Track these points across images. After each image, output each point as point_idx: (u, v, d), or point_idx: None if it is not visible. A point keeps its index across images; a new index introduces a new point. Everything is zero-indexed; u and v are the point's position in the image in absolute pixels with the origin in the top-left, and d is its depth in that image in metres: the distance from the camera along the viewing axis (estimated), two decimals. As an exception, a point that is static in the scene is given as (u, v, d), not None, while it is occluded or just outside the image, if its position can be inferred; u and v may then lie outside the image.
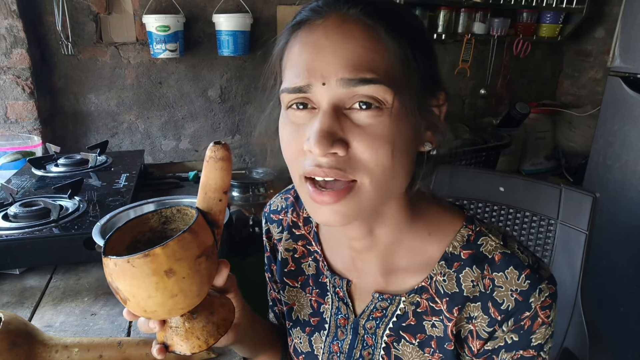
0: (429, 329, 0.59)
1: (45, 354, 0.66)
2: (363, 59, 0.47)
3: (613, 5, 2.68)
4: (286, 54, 0.53)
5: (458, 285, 0.57)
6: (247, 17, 2.10)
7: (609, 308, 1.90)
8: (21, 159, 1.53)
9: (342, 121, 0.48)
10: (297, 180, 0.53)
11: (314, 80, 0.48)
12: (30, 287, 0.97)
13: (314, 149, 0.47)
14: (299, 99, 0.50)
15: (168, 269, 0.45)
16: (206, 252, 0.48)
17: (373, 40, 0.48)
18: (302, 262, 0.70)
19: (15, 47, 1.85)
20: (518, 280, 0.54)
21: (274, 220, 0.75)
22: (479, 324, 0.56)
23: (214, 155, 0.49)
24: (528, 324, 0.54)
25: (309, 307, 0.69)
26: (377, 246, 0.60)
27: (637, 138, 1.79)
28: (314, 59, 0.48)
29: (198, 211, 0.51)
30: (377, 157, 0.48)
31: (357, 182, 0.49)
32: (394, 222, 0.58)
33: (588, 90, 2.91)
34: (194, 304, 0.49)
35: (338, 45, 0.48)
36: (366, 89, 0.47)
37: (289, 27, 0.53)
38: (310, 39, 0.50)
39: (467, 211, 0.61)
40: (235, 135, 2.41)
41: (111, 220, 0.96)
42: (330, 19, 0.49)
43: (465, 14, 2.54)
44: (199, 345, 0.52)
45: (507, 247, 0.57)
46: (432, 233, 0.59)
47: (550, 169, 2.95)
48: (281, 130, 0.54)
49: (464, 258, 0.57)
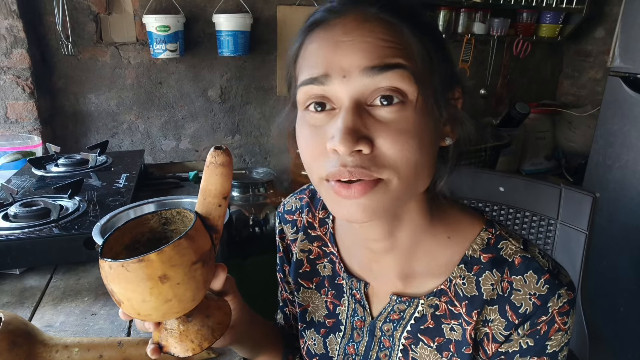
0: (448, 332, 0.58)
1: (45, 354, 0.66)
2: (386, 50, 0.46)
3: (613, 5, 2.68)
4: (301, 54, 0.51)
5: (478, 288, 0.56)
6: (247, 17, 2.10)
7: (609, 308, 1.90)
8: (21, 159, 1.53)
9: (365, 118, 0.47)
10: (317, 181, 0.51)
11: (332, 72, 0.46)
12: (30, 287, 0.97)
13: (339, 147, 0.45)
14: (317, 97, 0.48)
15: (162, 275, 0.45)
16: (203, 258, 0.48)
17: (395, 35, 0.47)
18: (318, 263, 0.69)
19: (15, 47, 1.85)
20: (537, 284, 0.53)
21: (288, 220, 0.74)
22: (495, 327, 0.56)
23: (214, 161, 0.48)
24: (544, 329, 0.53)
25: (324, 309, 0.69)
26: (395, 249, 0.59)
27: (637, 138, 1.79)
28: (333, 52, 0.47)
29: (197, 215, 0.50)
30: (404, 153, 0.47)
31: (384, 179, 0.47)
32: (413, 225, 0.57)
33: (588, 90, 2.91)
34: (189, 308, 0.49)
35: (358, 39, 0.46)
36: (389, 77, 0.45)
37: (304, 29, 0.52)
38: (328, 36, 0.48)
39: (486, 215, 0.60)
40: (235, 135, 2.41)
41: (111, 220, 0.96)
42: (349, 17, 0.48)
43: (465, 14, 2.54)
44: (193, 348, 0.51)
45: (527, 251, 0.56)
46: (451, 236, 0.58)
47: (550, 169, 2.95)
48: (299, 134, 0.52)
49: (484, 261, 0.56)
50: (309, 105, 0.50)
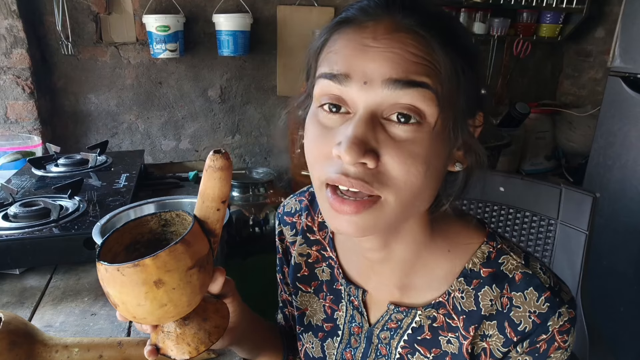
0: (445, 344, 0.58)
1: (45, 354, 0.66)
2: (413, 65, 0.44)
3: (613, 5, 2.68)
4: (325, 48, 0.49)
5: (476, 303, 0.55)
6: (247, 17, 2.10)
7: (609, 308, 1.90)
8: (21, 159, 1.53)
9: (377, 131, 0.45)
10: (317, 184, 0.50)
11: (354, 75, 0.45)
12: (30, 287, 0.96)
13: (344, 155, 0.43)
14: (334, 97, 0.47)
15: (157, 280, 0.44)
16: (199, 263, 0.47)
17: (425, 51, 0.44)
18: (316, 267, 0.68)
19: (15, 47, 1.85)
20: (537, 302, 0.52)
21: (287, 222, 0.73)
22: (493, 342, 0.55)
23: (212, 165, 0.48)
24: (544, 347, 0.52)
25: (322, 313, 0.68)
26: (392, 260, 0.58)
27: (637, 138, 1.79)
28: (358, 55, 0.45)
29: (194, 219, 0.50)
30: (409, 177, 0.45)
31: (382, 198, 0.46)
32: (412, 240, 0.56)
33: (588, 90, 2.91)
34: (185, 312, 0.49)
35: (387, 48, 0.44)
36: (411, 95, 0.43)
37: (332, 24, 0.49)
38: (356, 37, 0.46)
39: (488, 227, 0.59)
40: (235, 135, 2.41)
41: (111, 220, 0.96)
42: (381, 23, 0.45)
43: (465, 14, 2.55)
44: (190, 352, 0.51)
45: (528, 266, 0.54)
46: (451, 249, 0.57)
47: (550, 169, 2.95)
48: (307, 129, 0.50)
49: (484, 276, 0.55)
50: (324, 104, 0.48)
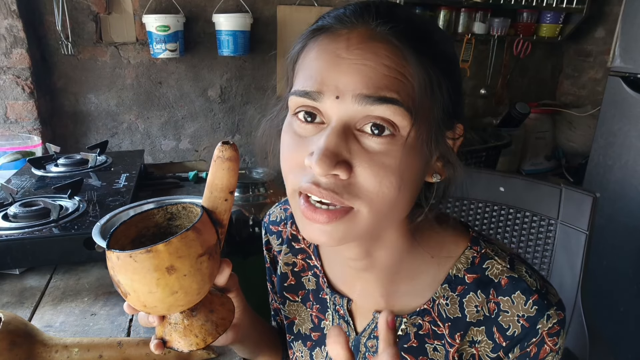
0: (431, 352, 0.57)
1: (45, 354, 0.66)
2: (384, 79, 0.43)
3: (613, 5, 2.68)
4: (301, 57, 0.49)
5: (461, 310, 0.55)
6: (247, 17, 2.10)
7: (609, 308, 1.90)
8: (21, 159, 1.53)
9: (349, 142, 0.44)
10: (290, 192, 0.50)
11: (326, 90, 0.45)
12: (30, 287, 0.96)
13: (315, 167, 0.43)
14: (308, 107, 0.47)
15: (170, 266, 0.45)
16: (209, 251, 0.48)
17: (398, 62, 0.44)
18: (302, 275, 0.68)
19: (15, 47, 1.85)
20: (525, 305, 0.52)
21: (273, 231, 0.73)
22: (482, 348, 0.55)
23: (221, 155, 0.49)
24: (534, 351, 0.52)
25: (309, 322, 0.68)
26: (375, 268, 0.57)
27: (637, 138, 1.79)
28: (331, 68, 0.45)
29: (203, 209, 0.51)
30: (381, 188, 0.45)
31: (354, 209, 0.46)
32: (394, 247, 0.55)
33: (588, 90, 2.91)
34: (194, 301, 0.49)
35: (359, 60, 0.44)
36: (383, 109, 0.43)
37: (308, 32, 0.50)
38: (330, 47, 0.46)
39: (472, 230, 0.59)
40: (235, 135, 2.41)
41: (111, 220, 0.96)
42: (355, 31, 0.45)
43: (465, 13, 2.55)
44: (197, 343, 0.52)
45: (514, 270, 0.54)
46: (435, 255, 0.57)
47: (550, 169, 2.95)
48: (283, 136, 0.51)
49: (468, 282, 0.55)
50: (299, 112, 0.48)
